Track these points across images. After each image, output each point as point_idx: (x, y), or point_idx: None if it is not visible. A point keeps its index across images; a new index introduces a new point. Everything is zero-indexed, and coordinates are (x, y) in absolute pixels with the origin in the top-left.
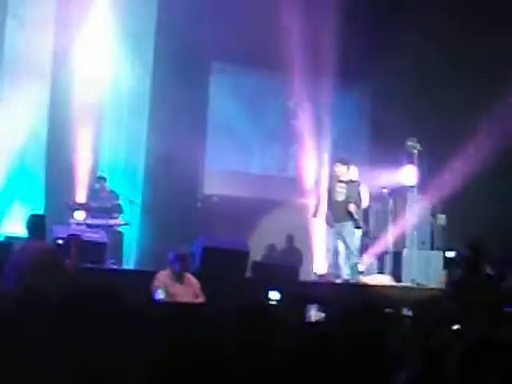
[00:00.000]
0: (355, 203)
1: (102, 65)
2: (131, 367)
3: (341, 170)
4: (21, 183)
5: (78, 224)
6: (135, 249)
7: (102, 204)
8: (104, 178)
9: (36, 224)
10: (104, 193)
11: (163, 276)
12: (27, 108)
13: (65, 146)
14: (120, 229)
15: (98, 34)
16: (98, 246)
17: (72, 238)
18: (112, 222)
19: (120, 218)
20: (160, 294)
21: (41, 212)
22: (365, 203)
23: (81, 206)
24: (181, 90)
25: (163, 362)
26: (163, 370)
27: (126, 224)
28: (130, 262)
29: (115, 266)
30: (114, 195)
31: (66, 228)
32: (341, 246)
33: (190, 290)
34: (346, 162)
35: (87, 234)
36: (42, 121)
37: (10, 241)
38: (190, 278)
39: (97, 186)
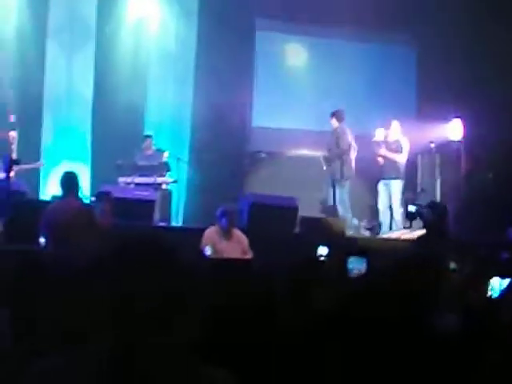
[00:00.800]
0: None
1: (147, 24)
2: (183, 323)
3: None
4: (68, 144)
5: (127, 183)
6: (183, 206)
7: (150, 162)
8: (150, 136)
9: (68, 181)
10: (150, 151)
11: (211, 232)
12: (72, 69)
13: (111, 105)
14: (168, 187)
15: None
16: (147, 204)
17: (103, 194)
18: (160, 179)
19: (167, 176)
20: (207, 251)
21: (74, 170)
22: (404, 157)
23: (128, 165)
24: (226, 47)
25: (215, 319)
26: (215, 326)
27: (174, 182)
28: (178, 220)
29: (163, 224)
30: (160, 153)
31: (115, 187)
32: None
33: (238, 247)
34: None
35: (136, 192)
36: (88, 81)
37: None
38: (239, 234)
39: (143, 144)
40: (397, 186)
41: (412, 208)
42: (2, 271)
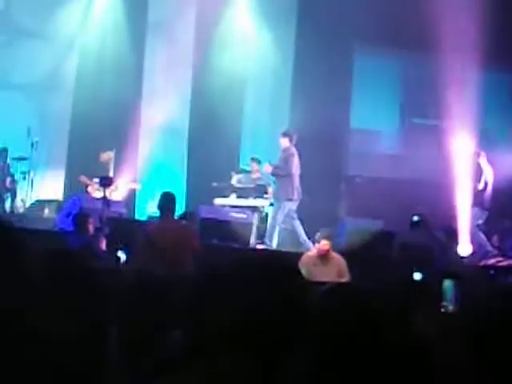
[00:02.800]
0: None
1: (243, 45)
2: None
3: None
4: (164, 166)
5: (223, 205)
6: (277, 229)
7: (248, 185)
8: (258, 160)
9: (167, 201)
10: (256, 174)
11: (306, 257)
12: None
13: (206, 127)
14: (264, 209)
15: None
16: (244, 226)
17: (188, 215)
18: (257, 202)
19: (264, 199)
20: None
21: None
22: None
23: (224, 187)
24: (324, 68)
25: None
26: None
27: (271, 204)
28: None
29: (261, 246)
30: (263, 177)
31: (211, 208)
32: None
33: (333, 270)
34: None
35: (233, 215)
36: (185, 103)
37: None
38: (336, 257)
39: (248, 167)
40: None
41: None
42: (115, 290)
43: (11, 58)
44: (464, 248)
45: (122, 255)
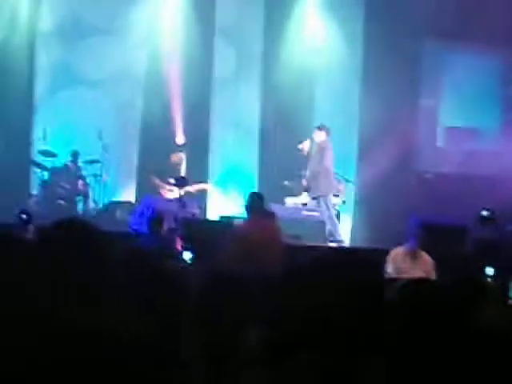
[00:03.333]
0: None
1: (312, 43)
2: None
3: None
4: (235, 166)
5: (294, 203)
6: (350, 226)
7: None
8: None
9: (256, 201)
10: None
11: (395, 253)
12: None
13: (277, 126)
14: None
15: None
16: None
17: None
18: None
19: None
20: (388, 269)
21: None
22: None
23: (295, 186)
24: (393, 67)
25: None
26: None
27: (344, 202)
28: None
29: (334, 244)
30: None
31: (283, 207)
32: None
33: (421, 267)
34: None
35: (304, 213)
36: (254, 102)
37: (228, 220)
38: (425, 256)
39: None
40: None
41: None
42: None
43: (82, 57)
44: None
45: (187, 254)
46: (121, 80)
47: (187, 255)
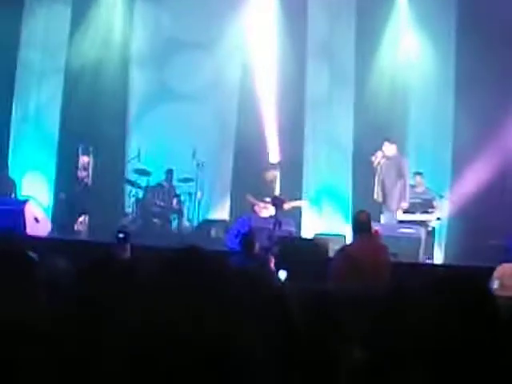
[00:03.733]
0: None
1: (406, 59)
2: None
3: None
4: (330, 182)
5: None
6: (444, 243)
7: (415, 200)
8: (420, 174)
9: (363, 220)
10: (420, 188)
11: (502, 267)
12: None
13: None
14: (432, 224)
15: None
16: (413, 241)
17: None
18: (424, 217)
19: (430, 213)
20: (494, 285)
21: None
22: None
23: None
24: (487, 79)
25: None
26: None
27: (438, 219)
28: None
29: (429, 261)
30: (429, 191)
31: (379, 224)
32: None
33: None
34: None
35: (400, 230)
36: (348, 122)
37: (323, 238)
38: None
39: (413, 181)
40: None
41: None
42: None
43: (175, 74)
44: None
45: (282, 274)
46: (215, 96)
47: (282, 274)
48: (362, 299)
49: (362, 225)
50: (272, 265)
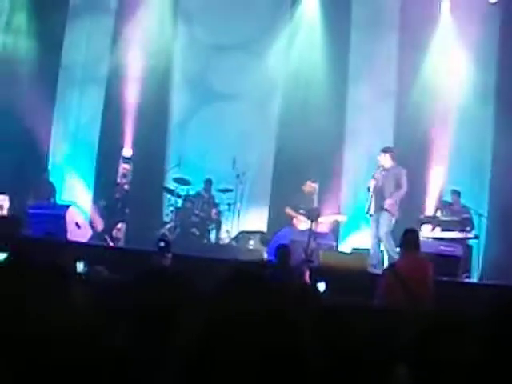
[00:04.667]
0: None
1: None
2: None
3: None
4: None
5: (427, 237)
6: (481, 262)
7: (453, 217)
8: (458, 192)
9: (411, 238)
10: (457, 206)
11: None
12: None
13: (411, 163)
14: (469, 242)
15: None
16: (452, 260)
17: None
18: (461, 235)
19: (470, 232)
20: None
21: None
22: None
23: (431, 219)
24: None
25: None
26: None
27: (476, 237)
28: (475, 275)
29: (468, 280)
30: (465, 209)
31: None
32: None
33: None
34: None
35: (441, 248)
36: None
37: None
38: None
39: (450, 199)
40: None
41: None
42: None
43: (218, 80)
44: None
45: (321, 286)
46: (256, 106)
47: (321, 286)
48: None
49: (411, 243)
50: (306, 277)
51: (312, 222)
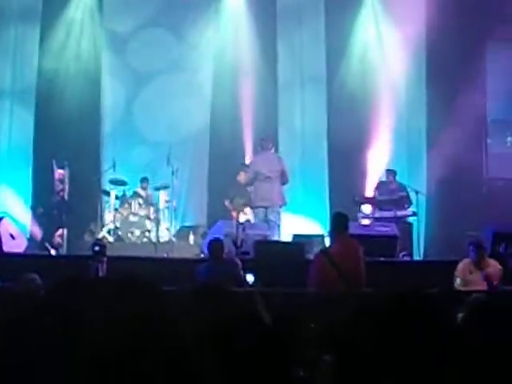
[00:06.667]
0: None
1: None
2: None
3: None
4: (307, 188)
5: (366, 217)
6: (423, 239)
7: (390, 196)
8: (393, 171)
9: (340, 222)
10: (393, 185)
11: (462, 264)
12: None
13: (345, 143)
14: (408, 220)
15: None
16: (389, 239)
17: None
18: (400, 213)
19: (408, 209)
20: (456, 282)
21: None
22: None
23: (368, 200)
24: (457, 68)
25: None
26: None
27: (414, 214)
28: (419, 253)
29: (407, 258)
30: (401, 187)
31: (354, 224)
32: None
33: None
34: None
35: (377, 228)
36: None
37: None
38: (492, 263)
39: (385, 179)
40: None
41: None
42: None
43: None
44: None
45: (249, 277)
46: (185, 97)
47: (249, 278)
48: None
49: (341, 226)
50: (240, 269)
51: (238, 212)
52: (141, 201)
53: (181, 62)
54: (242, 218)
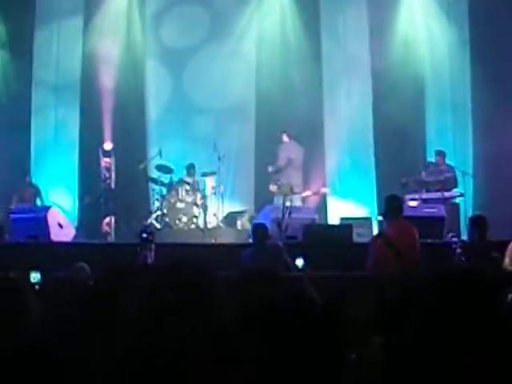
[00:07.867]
0: None
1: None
2: None
3: None
4: (353, 167)
5: (413, 199)
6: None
7: (437, 178)
8: (443, 152)
9: (394, 204)
10: (441, 166)
11: None
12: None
13: (392, 128)
14: (456, 200)
15: None
16: (436, 221)
17: None
18: (447, 194)
19: (455, 190)
20: (505, 263)
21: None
22: None
23: (414, 182)
24: (503, 59)
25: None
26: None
27: (461, 195)
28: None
29: (455, 239)
30: (449, 168)
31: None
32: None
33: None
34: None
35: (424, 210)
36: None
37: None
38: None
39: (433, 160)
40: None
41: None
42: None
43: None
44: None
45: (299, 261)
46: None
47: (299, 262)
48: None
49: (395, 209)
50: (284, 254)
51: (285, 196)
52: (188, 187)
53: (221, 48)
54: (288, 203)
